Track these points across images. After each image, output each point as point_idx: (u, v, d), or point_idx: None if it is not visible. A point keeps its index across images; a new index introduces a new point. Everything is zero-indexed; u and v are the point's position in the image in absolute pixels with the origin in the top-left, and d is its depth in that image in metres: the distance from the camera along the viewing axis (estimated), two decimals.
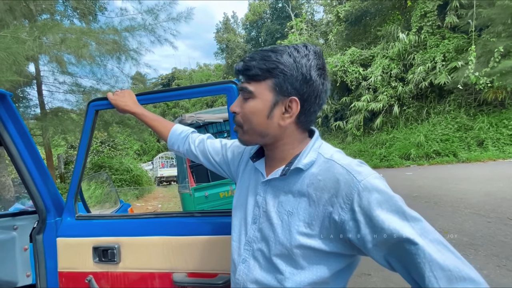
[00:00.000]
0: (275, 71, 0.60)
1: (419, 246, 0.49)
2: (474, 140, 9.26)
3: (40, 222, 1.19)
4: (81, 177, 1.18)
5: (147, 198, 9.10)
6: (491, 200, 4.46)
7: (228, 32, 33.84)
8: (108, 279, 1.11)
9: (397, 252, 0.53)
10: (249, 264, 0.67)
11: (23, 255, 1.23)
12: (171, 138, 0.97)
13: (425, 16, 11.08)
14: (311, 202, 0.60)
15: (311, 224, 0.59)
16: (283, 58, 0.60)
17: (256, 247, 0.66)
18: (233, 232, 0.75)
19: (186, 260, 1.05)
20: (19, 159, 1.11)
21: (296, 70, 0.59)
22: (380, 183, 0.55)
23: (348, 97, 13.34)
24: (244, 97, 0.64)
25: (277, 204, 0.64)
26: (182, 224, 1.08)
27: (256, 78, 0.61)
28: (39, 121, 6.93)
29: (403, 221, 0.52)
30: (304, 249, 0.59)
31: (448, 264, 0.48)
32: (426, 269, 0.49)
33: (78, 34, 4.95)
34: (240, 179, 0.80)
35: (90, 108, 1.15)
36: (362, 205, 0.53)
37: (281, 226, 0.62)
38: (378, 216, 0.52)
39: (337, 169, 0.58)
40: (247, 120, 0.64)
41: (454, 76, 9.86)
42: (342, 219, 0.55)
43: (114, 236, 1.12)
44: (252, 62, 0.61)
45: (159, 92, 1.13)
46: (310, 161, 0.62)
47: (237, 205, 0.77)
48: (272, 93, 0.61)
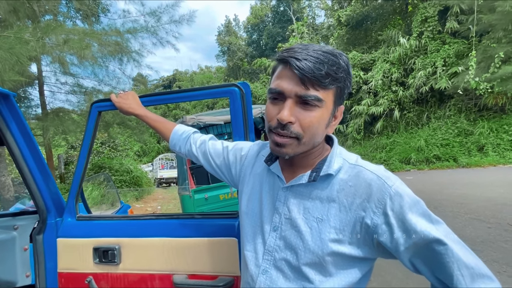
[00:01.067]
0: (342, 79, 0.57)
1: (448, 246, 0.53)
2: (474, 145, 9.26)
3: (40, 222, 1.19)
4: (82, 178, 1.18)
5: (147, 199, 9.09)
6: (491, 206, 4.45)
7: (230, 34, 34.01)
8: (108, 280, 1.11)
9: (424, 253, 0.55)
10: (271, 275, 0.63)
11: (23, 255, 1.23)
12: (173, 138, 0.96)
13: (426, 21, 11.14)
14: (341, 208, 0.59)
15: (343, 230, 0.58)
16: (342, 64, 0.56)
17: (280, 257, 0.63)
18: (246, 242, 0.71)
19: (187, 261, 1.05)
20: (21, 159, 1.12)
21: (349, 78, 0.59)
22: (407, 188, 0.58)
23: (348, 101, 13.37)
24: (309, 104, 0.55)
25: (303, 210, 0.62)
26: (183, 225, 1.08)
27: (325, 85, 0.55)
28: (40, 121, 6.94)
29: (430, 223, 0.55)
30: (336, 256, 0.58)
31: (471, 262, 0.52)
32: (454, 267, 0.52)
33: (81, 35, 4.98)
34: (246, 184, 0.76)
35: (93, 109, 1.15)
36: (395, 209, 0.55)
37: (311, 233, 0.60)
38: (411, 219, 0.54)
39: (367, 175, 0.59)
40: (310, 130, 0.57)
41: (454, 81, 9.89)
42: (375, 223, 0.56)
43: (114, 237, 1.11)
44: (322, 66, 0.54)
45: (162, 94, 1.14)
46: (339, 167, 0.61)
47: (247, 212, 0.72)
48: (333, 101, 0.58)
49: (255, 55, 31.32)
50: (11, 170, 8.38)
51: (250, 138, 1.05)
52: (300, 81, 0.54)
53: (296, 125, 0.57)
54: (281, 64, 0.58)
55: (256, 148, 0.81)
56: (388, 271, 2.75)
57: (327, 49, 0.57)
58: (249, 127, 1.05)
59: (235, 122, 1.05)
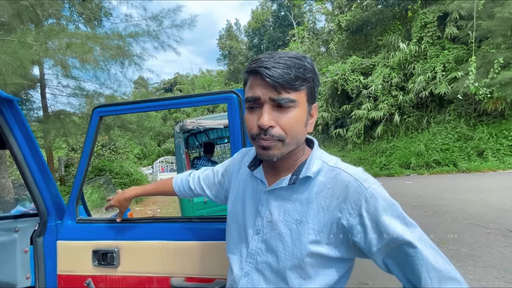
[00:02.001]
0: (310, 79, 0.60)
1: (418, 249, 0.54)
2: (474, 150, 9.26)
3: (41, 224, 1.21)
4: (83, 181, 1.20)
5: (146, 202, 9.08)
6: (490, 211, 4.45)
7: (231, 39, 34.22)
8: (107, 283, 1.13)
9: (396, 255, 0.57)
10: (252, 278, 0.65)
11: (24, 257, 1.25)
12: (177, 191, 1.01)
13: (425, 26, 11.22)
14: (320, 209, 0.61)
15: (321, 232, 0.60)
16: (308, 66, 0.60)
17: (261, 260, 0.65)
18: (231, 245, 0.73)
19: (184, 264, 1.06)
20: (23, 162, 1.14)
21: (316, 78, 0.62)
22: (384, 191, 0.59)
23: (348, 105, 13.41)
24: (285, 107, 0.58)
25: (283, 213, 0.63)
26: (181, 229, 1.10)
27: (296, 87, 0.58)
28: (42, 124, 6.98)
29: (404, 226, 0.56)
30: (314, 257, 0.60)
31: (440, 266, 0.54)
32: (423, 270, 0.54)
33: (84, 39, 5.04)
34: (231, 190, 0.78)
35: (94, 114, 1.18)
36: (370, 210, 0.57)
37: (290, 235, 0.61)
38: (385, 221, 0.56)
39: (345, 177, 0.61)
40: (291, 130, 0.59)
41: (454, 86, 9.92)
42: (350, 224, 0.58)
43: (113, 240, 1.13)
44: (290, 70, 0.57)
45: (161, 100, 1.16)
46: (318, 169, 0.63)
47: (233, 216, 0.74)
48: (307, 100, 0.61)
49: None
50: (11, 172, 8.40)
51: (247, 144, 1.07)
52: (272, 87, 0.57)
53: (277, 128, 0.59)
54: (251, 75, 0.61)
55: (239, 156, 0.84)
56: (386, 275, 2.75)
57: (292, 54, 0.60)
58: (246, 133, 1.07)
59: (232, 128, 1.08)
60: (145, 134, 9.58)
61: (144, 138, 9.73)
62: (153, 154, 25.20)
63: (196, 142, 5.47)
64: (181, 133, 3.40)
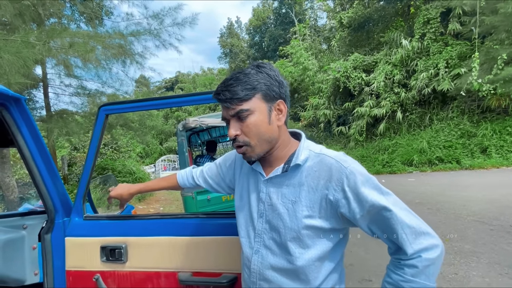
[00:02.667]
0: (259, 85, 0.71)
1: (393, 212, 0.67)
2: (477, 147, 9.21)
3: (49, 221, 1.22)
4: (89, 178, 1.21)
5: (149, 200, 9.12)
6: (494, 208, 4.43)
7: (232, 37, 34.14)
8: (115, 278, 1.14)
9: (377, 220, 0.69)
10: (262, 254, 0.78)
11: (32, 254, 1.26)
12: (181, 184, 1.08)
13: (428, 23, 11.13)
14: (310, 189, 0.73)
15: (312, 207, 0.72)
16: (258, 75, 0.72)
17: (267, 237, 0.77)
18: (240, 230, 0.85)
19: (191, 259, 1.08)
20: (31, 160, 1.15)
21: (271, 79, 0.73)
22: (361, 168, 0.71)
23: (350, 103, 13.35)
24: (242, 117, 0.71)
25: (281, 196, 0.76)
26: (188, 225, 1.11)
27: (246, 98, 0.70)
28: (45, 123, 7.02)
29: (380, 195, 0.68)
30: (309, 229, 0.72)
31: (413, 223, 0.67)
32: (399, 228, 0.67)
33: (86, 38, 5.05)
34: (237, 184, 0.91)
35: (101, 112, 1.19)
36: (350, 185, 0.69)
37: (288, 214, 0.74)
38: (363, 192, 0.68)
39: (328, 160, 0.73)
40: (253, 134, 0.72)
41: (457, 82, 9.85)
42: (336, 198, 0.70)
43: (121, 236, 1.15)
44: (236, 88, 0.70)
45: (165, 98, 1.17)
46: (305, 157, 0.75)
47: (240, 206, 0.87)
48: (263, 103, 0.73)
49: (257, 57, 31.39)
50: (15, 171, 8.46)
51: None
52: (227, 106, 0.72)
53: (242, 136, 0.73)
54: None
55: None
56: None
57: (241, 71, 0.73)
58: None
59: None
60: (147, 133, 9.60)
61: (146, 136, 9.75)
62: (155, 152, 25.27)
63: (198, 141, 5.48)
64: (184, 131, 3.42)
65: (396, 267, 0.70)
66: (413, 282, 0.66)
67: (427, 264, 0.65)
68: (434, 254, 0.66)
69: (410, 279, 0.66)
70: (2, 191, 5.78)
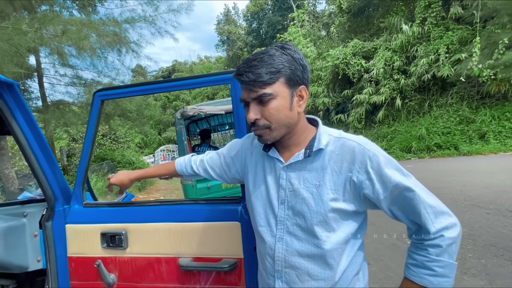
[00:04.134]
0: (283, 69, 0.70)
1: (415, 192, 0.69)
2: (475, 133, 9.22)
3: (49, 209, 1.22)
4: (87, 166, 1.20)
5: (149, 190, 9.19)
6: (491, 193, 4.49)
7: (229, 24, 33.42)
8: (116, 264, 1.15)
9: (398, 200, 0.71)
10: (286, 240, 0.77)
11: (34, 241, 1.27)
12: (179, 170, 1.06)
13: (429, 7, 10.89)
14: (333, 172, 0.73)
15: (337, 190, 0.73)
16: (283, 57, 0.70)
17: (291, 223, 0.76)
18: (258, 219, 0.82)
19: (191, 245, 1.08)
20: (28, 148, 1.14)
21: (296, 63, 0.71)
22: (382, 150, 0.73)
23: (349, 90, 13.24)
24: (263, 101, 0.70)
25: (303, 181, 0.75)
26: (187, 211, 1.11)
27: (269, 82, 0.69)
28: (41, 114, 6.95)
29: (402, 176, 0.70)
30: (335, 212, 0.73)
31: (433, 203, 0.70)
32: (421, 207, 0.69)
33: (79, 25, 4.92)
34: (249, 173, 0.88)
35: (96, 98, 1.17)
36: (373, 166, 0.70)
37: (313, 198, 0.74)
38: (387, 173, 0.69)
39: (350, 143, 0.73)
40: (274, 118, 0.71)
41: (457, 68, 9.75)
42: (360, 180, 0.71)
43: (121, 223, 1.15)
44: (260, 70, 0.68)
45: (162, 82, 1.14)
46: (327, 141, 0.75)
47: (255, 195, 0.84)
48: (286, 88, 0.71)
49: (255, 44, 30.85)
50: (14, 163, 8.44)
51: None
52: (249, 88, 0.70)
53: (262, 120, 0.72)
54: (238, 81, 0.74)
55: (248, 141, 0.93)
56: (388, 256, 2.81)
57: (263, 52, 0.71)
58: None
59: (236, 110, 1.06)
60: (145, 123, 9.54)
61: (145, 126, 9.70)
62: (154, 143, 25.24)
63: (197, 129, 5.46)
64: (182, 120, 3.39)
65: (419, 248, 0.71)
66: (439, 262, 0.68)
67: (450, 242, 0.68)
68: (455, 232, 0.68)
69: (435, 258, 0.68)
70: (2, 183, 5.78)
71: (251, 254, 1.03)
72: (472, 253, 2.73)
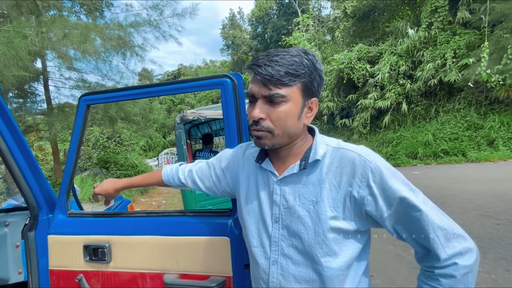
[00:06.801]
0: (303, 75, 0.63)
1: (423, 212, 0.60)
2: (484, 140, 9.00)
3: (31, 218, 1.16)
4: (72, 173, 1.15)
5: (152, 193, 9.15)
6: (500, 202, 4.32)
7: (234, 28, 33.66)
8: (99, 279, 1.08)
9: (404, 220, 0.62)
10: (281, 264, 0.69)
11: (15, 252, 1.21)
12: (166, 180, 0.98)
13: (436, 11, 10.76)
14: (332, 187, 0.65)
15: (336, 207, 0.65)
16: (305, 62, 0.63)
17: (286, 245, 0.68)
18: (251, 239, 0.74)
19: (178, 261, 1.01)
20: (8, 154, 1.08)
21: (316, 73, 0.65)
22: (385, 162, 0.65)
23: (354, 95, 13.12)
24: (274, 101, 0.63)
25: (298, 197, 0.67)
26: (174, 223, 1.04)
27: (287, 83, 0.62)
28: (46, 116, 7.01)
29: (409, 191, 0.62)
30: (335, 231, 0.64)
31: (444, 224, 0.61)
32: (430, 230, 0.60)
33: (83, 29, 4.95)
34: (241, 186, 0.80)
35: (81, 103, 1.11)
36: (376, 180, 0.62)
37: (309, 216, 0.66)
38: (392, 187, 0.61)
39: (349, 154, 0.66)
40: (280, 123, 0.64)
41: (464, 73, 9.57)
42: (361, 195, 0.63)
43: (105, 235, 1.08)
44: (281, 67, 0.61)
45: (150, 86, 1.08)
46: (324, 152, 0.68)
47: (249, 211, 0.76)
48: (300, 95, 0.65)
49: (259, 49, 30.97)
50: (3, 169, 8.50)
51: (243, 133, 0.99)
52: (263, 83, 0.62)
53: (267, 121, 0.64)
54: (251, 72, 0.66)
55: (241, 151, 0.85)
56: (392, 268, 2.69)
57: (289, 51, 0.64)
58: (242, 120, 0.99)
59: (226, 115, 1.00)
60: (149, 126, 9.57)
61: (149, 130, 9.73)
62: (158, 146, 25.35)
63: (198, 134, 5.41)
64: (182, 124, 3.34)
65: (430, 277, 0.63)
66: None
67: (465, 272, 0.59)
68: (470, 260, 0.59)
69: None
70: None
71: (241, 272, 0.96)
72: (482, 267, 2.59)
